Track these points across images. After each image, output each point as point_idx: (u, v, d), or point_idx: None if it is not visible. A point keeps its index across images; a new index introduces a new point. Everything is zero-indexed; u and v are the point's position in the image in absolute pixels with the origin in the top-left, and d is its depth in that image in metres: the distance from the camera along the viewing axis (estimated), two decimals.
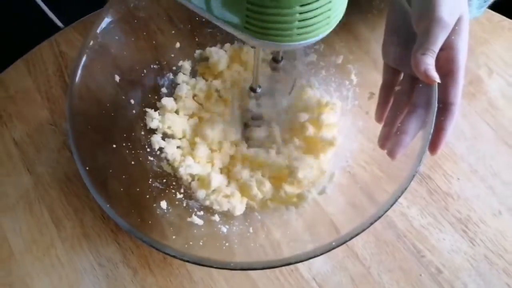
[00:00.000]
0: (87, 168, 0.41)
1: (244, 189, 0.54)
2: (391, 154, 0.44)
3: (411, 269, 0.54)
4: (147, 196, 0.48)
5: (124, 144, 0.49)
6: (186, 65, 0.58)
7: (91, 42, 0.46)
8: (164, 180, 0.51)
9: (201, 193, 0.52)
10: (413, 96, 0.44)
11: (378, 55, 0.49)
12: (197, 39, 0.58)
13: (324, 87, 0.57)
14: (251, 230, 0.49)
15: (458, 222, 0.56)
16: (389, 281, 0.54)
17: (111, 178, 0.45)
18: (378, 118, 0.49)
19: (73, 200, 0.62)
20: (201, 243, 0.44)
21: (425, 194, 0.57)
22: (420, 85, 0.43)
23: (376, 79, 0.49)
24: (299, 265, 0.56)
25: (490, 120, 0.60)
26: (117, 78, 0.50)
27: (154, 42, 0.54)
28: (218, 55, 0.57)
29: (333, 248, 0.41)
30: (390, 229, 0.56)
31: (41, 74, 0.69)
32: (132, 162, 0.49)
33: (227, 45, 0.59)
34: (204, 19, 0.35)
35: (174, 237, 0.43)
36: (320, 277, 0.55)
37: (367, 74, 0.53)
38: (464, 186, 0.57)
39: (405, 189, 0.41)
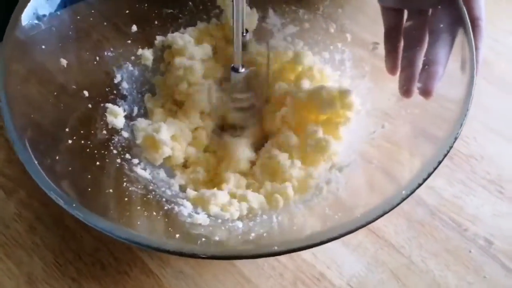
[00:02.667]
0: (36, 161, 0.29)
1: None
2: (426, 91, 0.36)
3: (458, 247, 0.45)
4: (125, 199, 0.35)
5: (82, 142, 0.37)
6: (147, 53, 0.48)
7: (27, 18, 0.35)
8: (143, 186, 0.39)
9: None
10: (431, 23, 0.38)
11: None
12: (156, 22, 0.49)
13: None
14: (274, 219, 0.37)
15: (490, 183, 0.48)
16: (437, 266, 0.44)
17: (72, 178, 0.32)
18: (391, 68, 0.42)
19: (14, 251, 0.47)
20: (217, 239, 0.32)
21: (446, 160, 0.50)
22: (439, 6, 0.37)
23: (377, 28, 0.43)
24: (326, 271, 0.44)
25: (487, 74, 0.56)
26: (63, 62, 0.39)
27: (104, 23, 0.44)
28: (184, 40, 0.48)
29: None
30: (420, 207, 0.47)
31: None
32: (97, 163, 0.37)
33: (190, 29, 0.50)
34: None
35: (177, 235, 0.30)
36: (355, 280, 0.44)
37: (363, 26, 0.46)
38: (483, 144, 0.51)
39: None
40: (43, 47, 0.38)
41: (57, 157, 0.32)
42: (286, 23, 0.51)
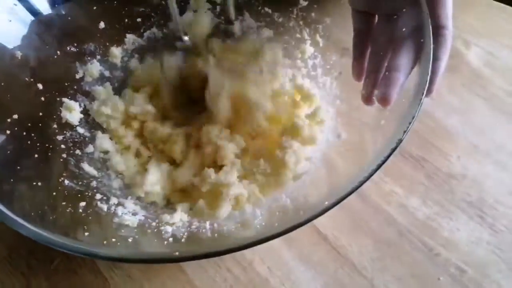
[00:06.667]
0: None
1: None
2: (384, 99, 0.34)
3: (426, 273, 0.41)
4: (54, 193, 0.34)
5: (24, 134, 0.36)
6: (116, 51, 0.48)
7: None
8: (83, 182, 0.38)
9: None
10: (396, 28, 0.35)
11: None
12: (126, 20, 0.48)
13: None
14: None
15: (470, 206, 0.44)
16: None
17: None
18: (357, 74, 0.39)
19: None
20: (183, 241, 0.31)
21: (423, 179, 0.46)
22: (404, 9, 0.35)
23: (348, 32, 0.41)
24: None
25: (480, 91, 0.52)
26: (18, 54, 0.39)
27: (69, 18, 0.44)
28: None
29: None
30: (389, 226, 0.44)
31: None
32: (36, 156, 0.36)
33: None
34: None
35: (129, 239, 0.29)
36: None
37: (336, 31, 0.44)
38: (467, 164, 0.47)
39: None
40: None
41: None
42: (262, 26, 0.49)
